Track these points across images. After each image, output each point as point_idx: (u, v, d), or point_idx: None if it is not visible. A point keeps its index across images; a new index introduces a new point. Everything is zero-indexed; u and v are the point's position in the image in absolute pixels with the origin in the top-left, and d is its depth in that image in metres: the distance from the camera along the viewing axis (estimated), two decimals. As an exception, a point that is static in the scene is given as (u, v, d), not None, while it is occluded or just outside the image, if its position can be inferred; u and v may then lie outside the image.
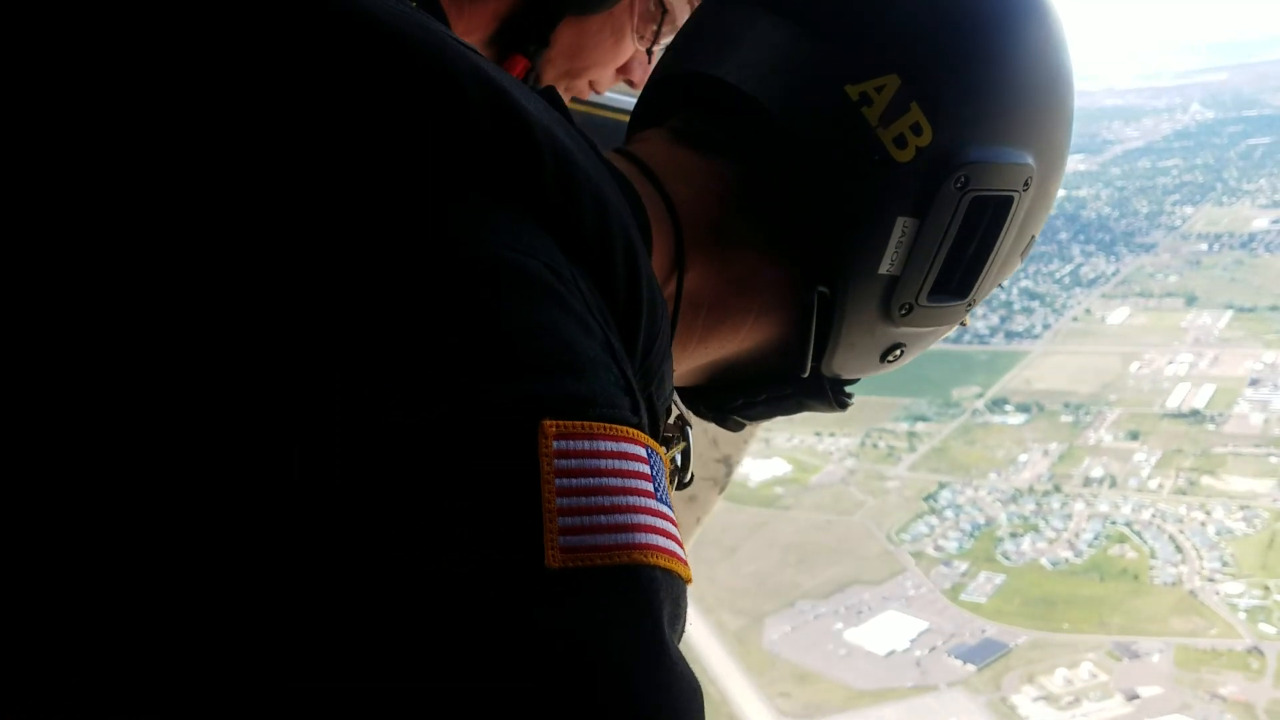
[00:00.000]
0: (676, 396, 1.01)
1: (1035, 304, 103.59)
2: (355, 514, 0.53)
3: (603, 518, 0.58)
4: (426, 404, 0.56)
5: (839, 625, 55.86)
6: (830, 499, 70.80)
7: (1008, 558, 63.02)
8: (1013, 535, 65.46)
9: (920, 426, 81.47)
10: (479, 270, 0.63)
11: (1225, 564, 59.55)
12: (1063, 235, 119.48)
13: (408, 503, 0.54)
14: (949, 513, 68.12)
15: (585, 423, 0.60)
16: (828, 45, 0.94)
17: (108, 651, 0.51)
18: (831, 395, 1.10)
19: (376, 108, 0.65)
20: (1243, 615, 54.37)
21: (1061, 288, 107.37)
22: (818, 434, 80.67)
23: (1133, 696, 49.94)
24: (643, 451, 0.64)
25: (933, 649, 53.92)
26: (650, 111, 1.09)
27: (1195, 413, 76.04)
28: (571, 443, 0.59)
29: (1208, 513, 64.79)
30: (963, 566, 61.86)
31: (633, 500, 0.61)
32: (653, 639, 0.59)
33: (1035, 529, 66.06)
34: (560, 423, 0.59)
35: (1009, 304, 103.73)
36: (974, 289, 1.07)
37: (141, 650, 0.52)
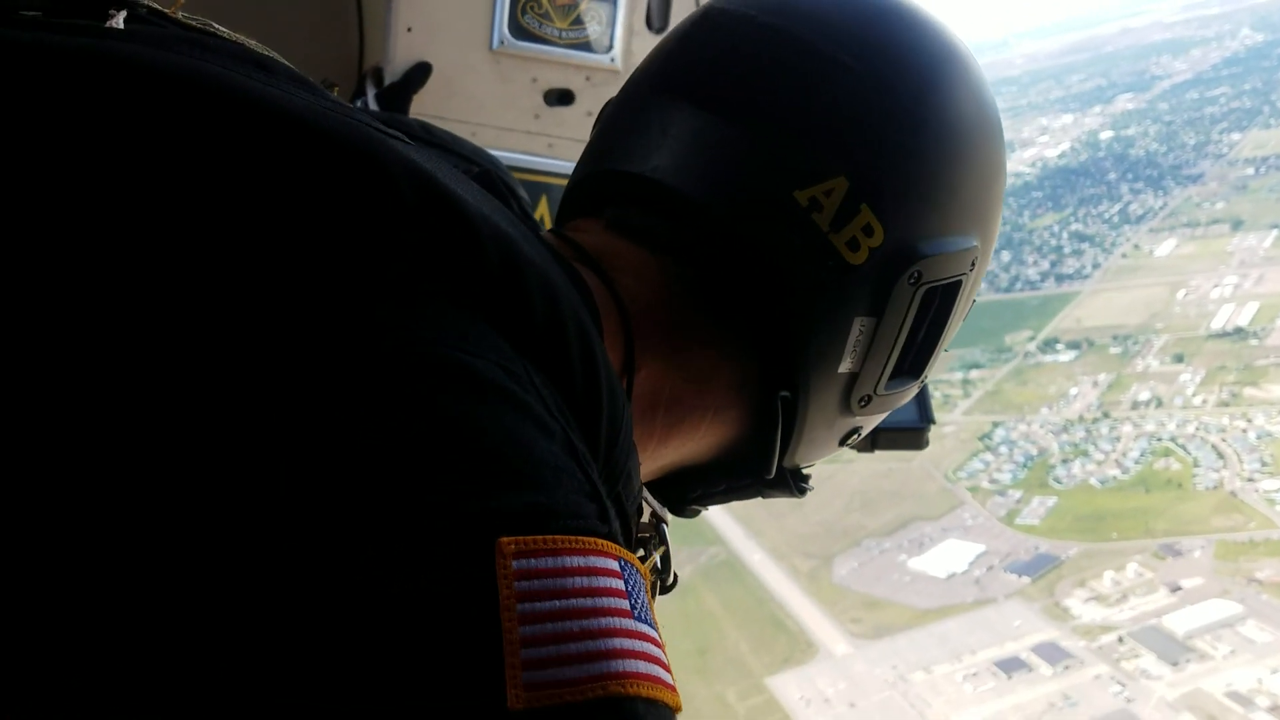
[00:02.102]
0: (647, 493, 0.97)
1: (1085, 245, 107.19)
2: (289, 652, 0.49)
3: (572, 645, 0.52)
4: (366, 523, 0.52)
5: (902, 557, 61.25)
6: (891, 448, 75.71)
7: (1059, 481, 67.79)
8: (1063, 461, 70.19)
9: (974, 374, 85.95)
10: (421, 371, 0.59)
11: (1265, 464, 63.67)
12: (1111, 176, 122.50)
13: (349, 637, 0.49)
14: (1003, 448, 72.91)
15: (548, 537, 0.54)
16: (767, 145, 0.91)
17: (101, 656, 0.50)
18: (792, 484, 1.08)
19: (305, 206, 0.63)
20: (1280, 508, 58.60)
21: (1110, 227, 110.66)
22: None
23: (1175, 589, 54.65)
24: (615, 565, 0.57)
25: (990, 568, 59.01)
26: (578, 206, 1.05)
27: (1239, 330, 79.68)
28: (534, 561, 0.53)
29: (1249, 420, 68.81)
30: (1017, 495, 66.75)
31: (606, 622, 0.54)
32: None
33: (1085, 453, 70.71)
34: (520, 539, 0.53)
35: (1059, 249, 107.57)
36: (927, 368, 1.05)
37: (130, 660, 0.51)
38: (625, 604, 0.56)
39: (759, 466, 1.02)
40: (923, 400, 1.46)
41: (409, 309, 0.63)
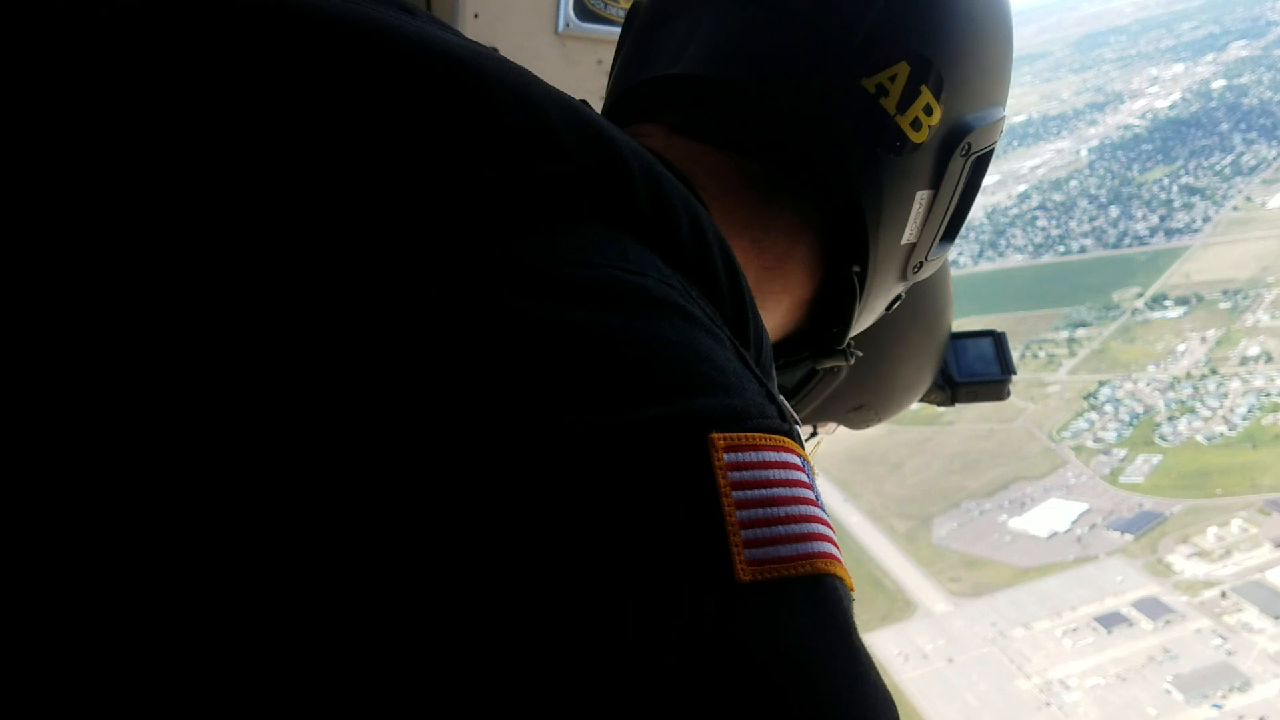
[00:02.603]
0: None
1: (1195, 199, 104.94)
2: (510, 548, 0.51)
3: (781, 528, 0.56)
4: (580, 439, 0.54)
5: (1003, 517, 61.74)
6: (992, 410, 75.82)
7: (1164, 439, 67.34)
8: (1169, 419, 69.58)
9: (1080, 332, 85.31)
10: (597, 293, 0.61)
11: (1377, 419, 62.36)
12: (1224, 126, 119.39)
13: (578, 531, 0.52)
14: (1108, 407, 72.56)
15: (747, 434, 0.58)
16: (831, 38, 0.93)
17: (110, 654, 0.51)
18: (846, 351, 1.11)
19: (472, 143, 0.64)
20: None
21: (1222, 179, 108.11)
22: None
23: (1280, 544, 54.31)
24: (798, 460, 0.61)
25: (1092, 526, 59.23)
26: (627, 116, 1.03)
27: (1355, 281, 77.61)
28: (739, 455, 0.56)
29: (1364, 367, 67.27)
30: (1121, 453, 66.53)
31: (803, 509, 0.58)
32: (848, 649, 0.56)
33: (1191, 410, 69.99)
34: (727, 435, 0.57)
35: (1169, 202, 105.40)
36: (960, 230, 1.10)
37: (151, 654, 0.51)
38: (811, 494, 0.60)
39: (830, 338, 1.09)
40: (1002, 351, 1.50)
41: (574, 236, 0.65)
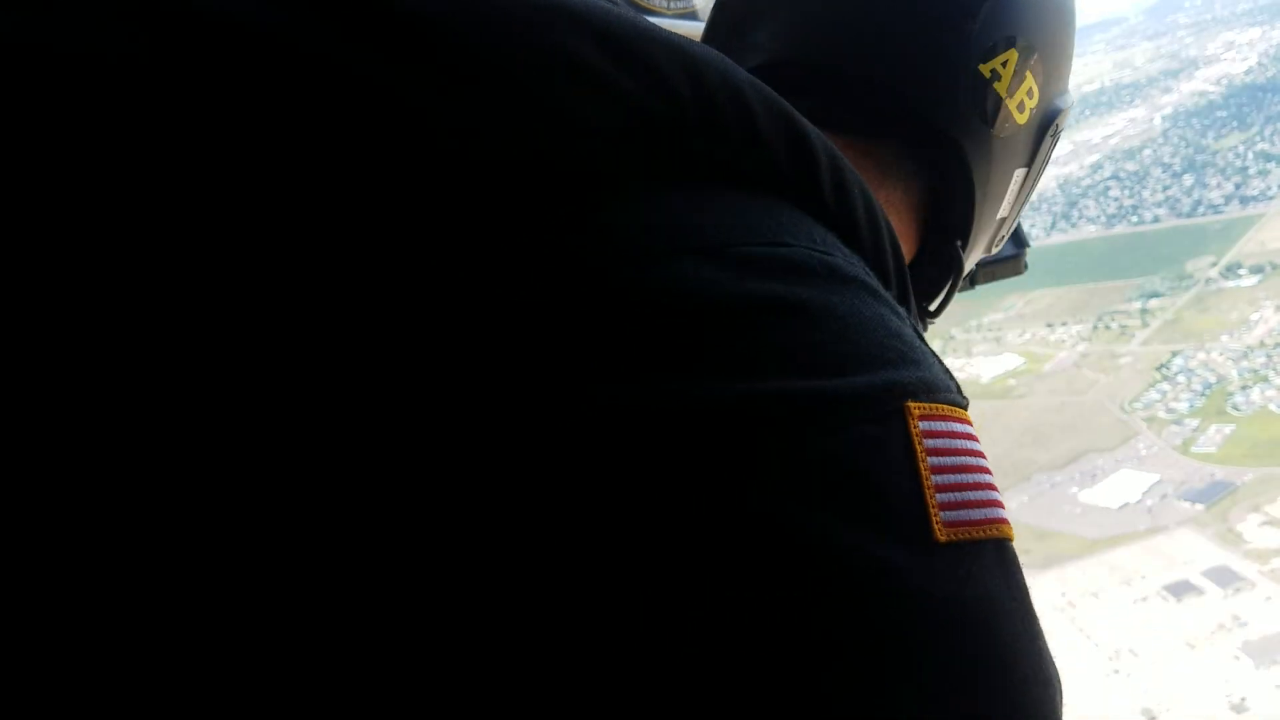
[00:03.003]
0: None
1: (1271, 165, 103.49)
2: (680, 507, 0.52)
3: (969, 494, 0.59)
4: (777, 400, 0.55)
5: (1074, 489, 62.51)
6: (1064, 383, 76.59)
7: (1237, 409, 67.43)
8: (1243, 388, 69.57)
9: (1153, 303, 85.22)
10: (790, 269, 0.61)
11: None
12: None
13: (778, 495, 0.53)
14: (1180, 378, 72.68)
15: (937, 405, 0.61)
16: (949, 25, 0.97)
17: (111, 653, 0.50)
18: (926, 320, 1.15)
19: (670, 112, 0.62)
20: None
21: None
22: (1049, 325, 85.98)
23: (1354, 512, 54.50)
24: (974, 431, 0.64)
25: (1163, 497, 59.80)
26: None
27: None
28: (932, 424, 0.59)
29: None
30: (1194, 423, 66.80)
31: (985, 478, 0.61)
32: (1028, 609, 0.60)
33: (1265, 379, 69.86)
34: (921, 405, 0.59)
35: (1244, 169, 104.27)
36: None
37: (158, 652, 0.51)
38: (987, 464, 0.63)
39: (931, 311, 1.13)
40: (1015, 228, 1.44)
41: (764, 217, 0.65)
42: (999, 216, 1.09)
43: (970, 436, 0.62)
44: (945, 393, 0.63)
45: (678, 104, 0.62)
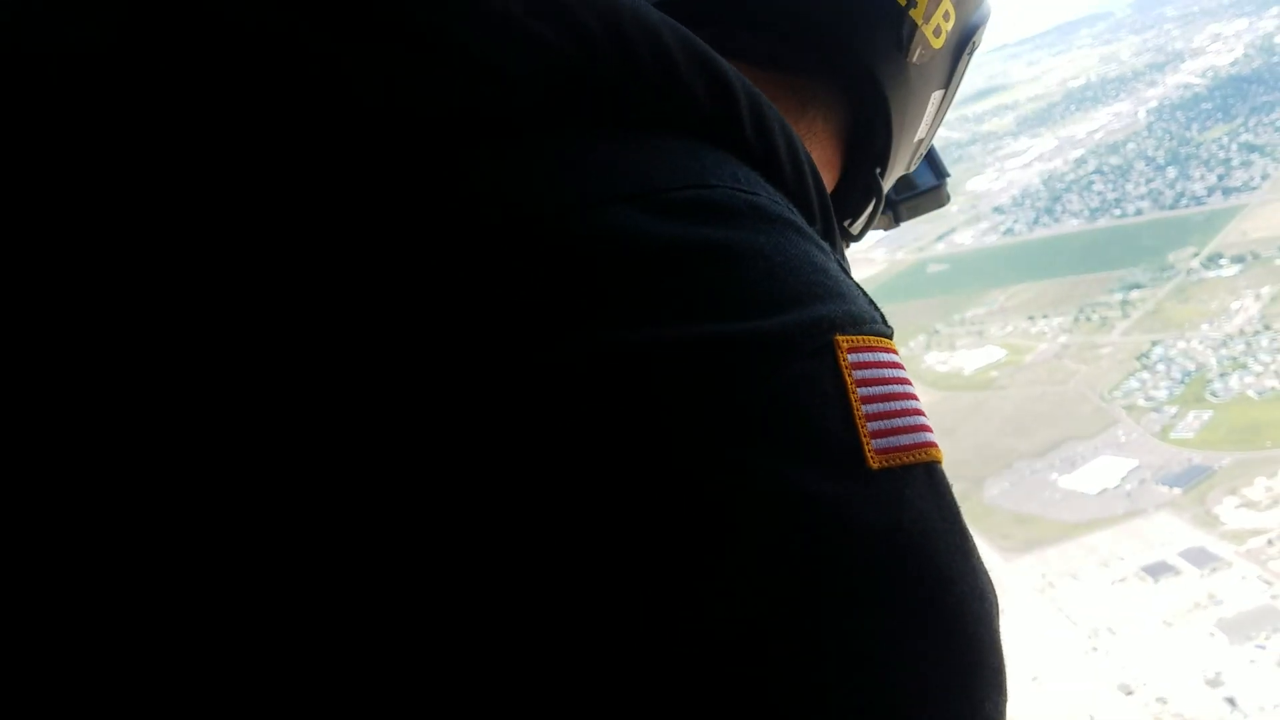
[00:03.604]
0: None
1: (1254, 156, 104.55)
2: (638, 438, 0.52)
3: (899, 420, 0.60)
4: (710, 341, 0.55)
5: (1054, 476, 63.57)
6: (1045, 374, 77.62)
7: (1216, 395, 68.43)
8: (1221, 375, 70.59)
9: (1134, 294, 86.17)
10: (715, 210, 0.61)
11: None
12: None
13: (716, 434, 0.53)
14: (1160, 366, 73.66)
15: (864, 337, 0.62)
16: None
17: (110, 652, 0.50)
18: (848, 239, 1.16)
19: (585, 63, 0.62)
20: None
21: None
22: (1030, 318, 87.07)
23: (1328, 493, 55.55)
24: (899, 360, 0.65)
25: (1141, 482, 60.84)
26: None
27: None
28: (860, 355, 0.60)
29: None
30: (1172, 410, 67.82)
31: (913, 404, 0.62)
32: (961, 528, 0.61)
33: (1244, 366, 70.89)
34: (849, 337, 0.61)
35: (1227, 161, 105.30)
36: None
37: (162, 650, 0.51)
38: (914, 390, 0.64)
39: (850, 236, 1.14)
40: (933, 159, 1.48)
41: (686, 157, 0.65)
42: (916, 139, 1.09)
43: (896, 365, 0.63)
44: (871, 324, 0.64)
45: (594, 50, 0.62)
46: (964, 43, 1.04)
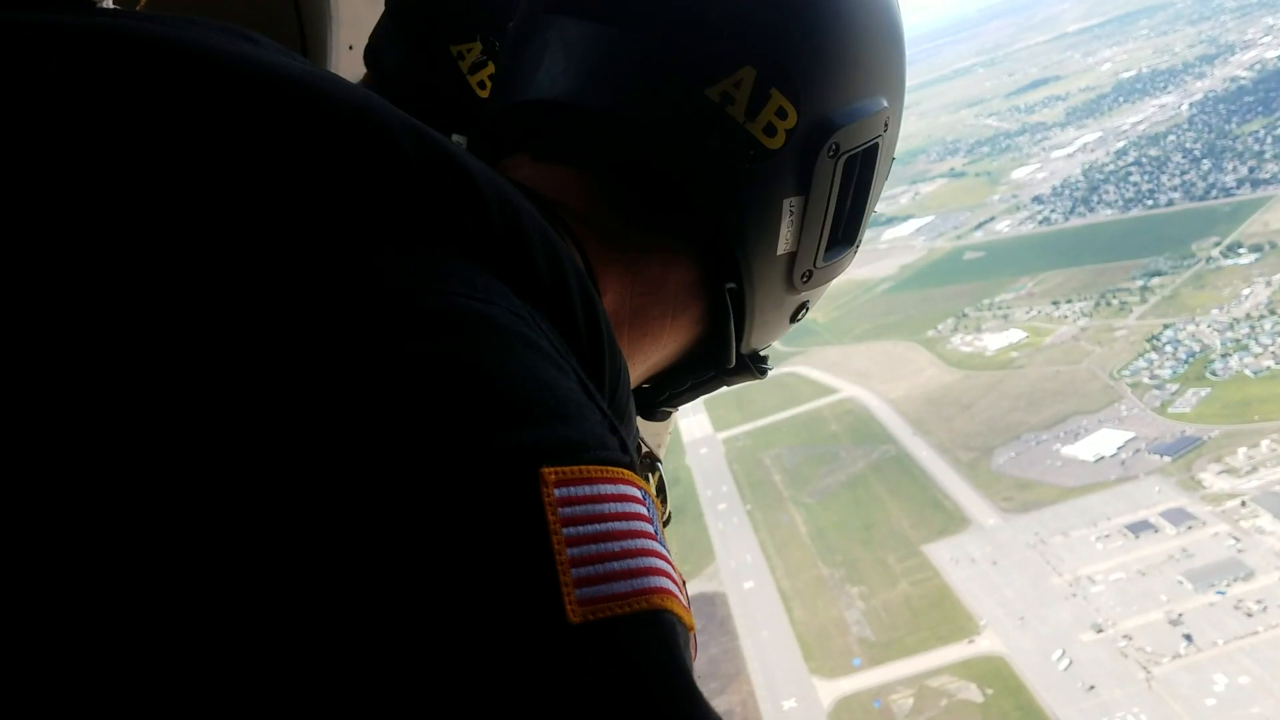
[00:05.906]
0: (640, 433, 0.96)
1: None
2: (343, 585, 0.50)
3: (615, 564, 0.55)
4: (408, 470, 0.53)
5: (1057, 446, 69.75)
6: (1061, 354, 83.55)
7: (1215, 374, 73.91)
8: (1223, 356, 76.00)
9: (1155, 281, 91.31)
10: (440, 320, 0.60)
11: None
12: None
13: (406, 567, 0.50)
14: (1168, 348, 79.17)
15: (582, 467, 0.57)
16: (669, 47, 0.91)
17: (103, 654, 0.50)
18: (753, 368, 1.10)
19: (315, 167, 0.62)
20: None
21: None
22: (1055, 303, 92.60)
23: (1303, 461, 61.22)
24: (638, 493, 0.61)
25: (1136, 451, 66.84)
26: (499, 145, 1.02)
27: None
28: (572, 489, 0.56)
29: None
30: (1174, 387, 73.44)
31: (640, 543, 0.58)
32: (685, 688, 0.55)
33: (1245, 348, 76.23)
34: (559, 469, 0.56)
35: (1260, 153, 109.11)
36: (860, 232, 1.07)
37: (136, 655, 0.50)
38: (650, 528, 0.60)
39: (719, 358, 1.06)
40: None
41: (421, 262, 0.63)
42: (781, 252, 1.00)
43: (626, 498, 0.59)
44: (600, 451, 0.60)
45: (411, 178, 0.65)
46: (818, 143, 0.96)
